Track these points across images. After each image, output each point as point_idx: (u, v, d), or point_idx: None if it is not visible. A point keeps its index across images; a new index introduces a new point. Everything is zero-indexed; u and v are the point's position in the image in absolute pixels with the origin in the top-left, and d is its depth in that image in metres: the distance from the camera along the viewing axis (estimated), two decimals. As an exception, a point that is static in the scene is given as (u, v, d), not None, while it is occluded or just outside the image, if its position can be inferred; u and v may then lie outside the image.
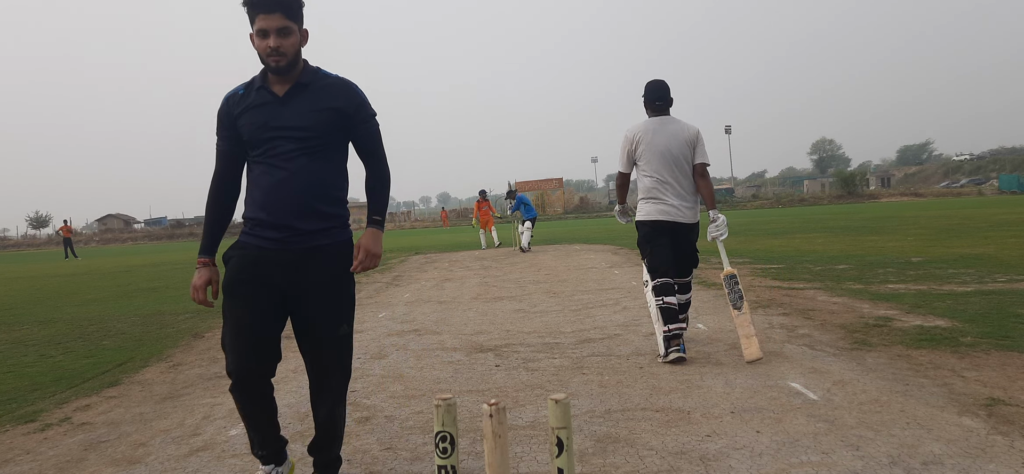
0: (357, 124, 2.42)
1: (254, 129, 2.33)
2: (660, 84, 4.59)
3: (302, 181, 2.32)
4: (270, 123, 2.32)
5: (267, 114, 2.33)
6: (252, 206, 2.37)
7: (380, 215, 2.44)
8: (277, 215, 2.31)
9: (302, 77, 2.37)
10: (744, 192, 72.13)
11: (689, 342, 4.72)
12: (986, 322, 4.79)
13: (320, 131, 2.34)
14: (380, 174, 2.48)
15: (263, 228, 2.33)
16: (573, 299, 7.28)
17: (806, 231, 16.91)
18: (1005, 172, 62.47)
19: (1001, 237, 11.65)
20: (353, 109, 2.40)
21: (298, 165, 2.32)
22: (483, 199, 18.00)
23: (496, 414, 1.75)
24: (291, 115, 2.33)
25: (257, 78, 2.40)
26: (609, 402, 3.46)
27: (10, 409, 3.98)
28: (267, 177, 2.32)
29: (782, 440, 2.79)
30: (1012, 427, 2.80)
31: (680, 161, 4.44)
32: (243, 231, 2.41)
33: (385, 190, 2.48)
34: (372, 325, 6.30)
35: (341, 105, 2.37)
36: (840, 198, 51.07)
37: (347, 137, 2.45)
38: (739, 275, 4.79)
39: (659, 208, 4.44)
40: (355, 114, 2.41)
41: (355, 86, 2.45)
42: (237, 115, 2.37)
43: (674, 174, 4.43)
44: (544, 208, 55.18)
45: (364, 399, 3.77)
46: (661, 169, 4.43)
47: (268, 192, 2.32)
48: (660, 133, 4.47)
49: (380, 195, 2.46)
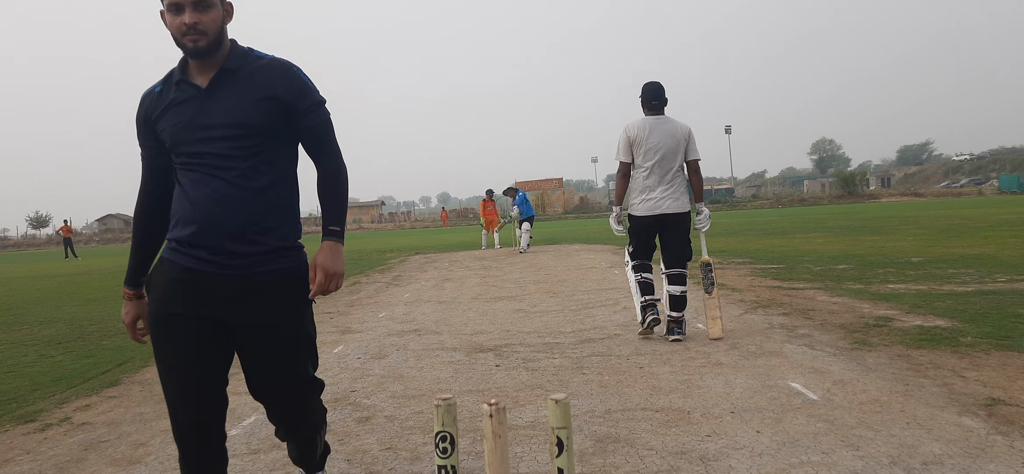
0: (302, 115, 1.96)
1: (177, 131, 1.89)
2: (656, 86, 5.01)
3: (241, 192, 1.87)
4: (195, 122, 1.87)
5: (191, 112, 1.88)
6: (179, 225, 1.91)
7: (338, 225, 2.01)
8: (211, 237, 1.87)
9: (229, 61, 1.92)
10: (744, 192, 72.11)
11: (689, 342, 4.74)
12: (986, 322, 4.79)
13: (258, 127, 1.89)
14: (334, 174, 2.03)
15: (194, 249, 1.89)
16: (573, 299, 7.28)
17: (806, 231, 16.91)
18: (1005, 172, 62.47)
19: (1001, 237, 11.65)
20: (294, 96, 1.94)
21: (235, 173, 1.87)
22: (489, 199, 18.12)
23: (496, 414, 1.75)
24: (220, 110, 1.88)
25: (176, 70, 1.96)
26: (609, 402, 3.46)
27: (10, 409, 3.98)
28: (197, 190, 1.87)
29: (782, 440, 2.79)
30: (1012, 427, 2.80)
31: (673, 157, 4.87)
32: (167, 247, 1.96)
33: (342, 193, 2.04)
34: (372, 325, 6.30)
35: (280, 92, 1.92)
36: (840, 198, 51.05)
37: (292, 133, 1.98)
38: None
39: (651, 203, 4.88)
40: (298, 102, 1.95)
41: (295, 67, 1.99)
42: (156, 118, 1.93)
43: (666, 169, 4.86)
44: (544, 208, 55.19)
45: (364, 399, 3.77)
46: (655, 165, 4.86)
47: (199, 208, 1.87)
48: (656, 131, 4.88)
49: (336, 200, 2.02)
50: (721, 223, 25.04)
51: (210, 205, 1.86)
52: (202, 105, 1.89)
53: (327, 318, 6.83)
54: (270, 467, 2.83)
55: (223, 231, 1.86)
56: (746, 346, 4.53)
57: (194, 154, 1.88)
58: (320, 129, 2.00)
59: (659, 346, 4.69)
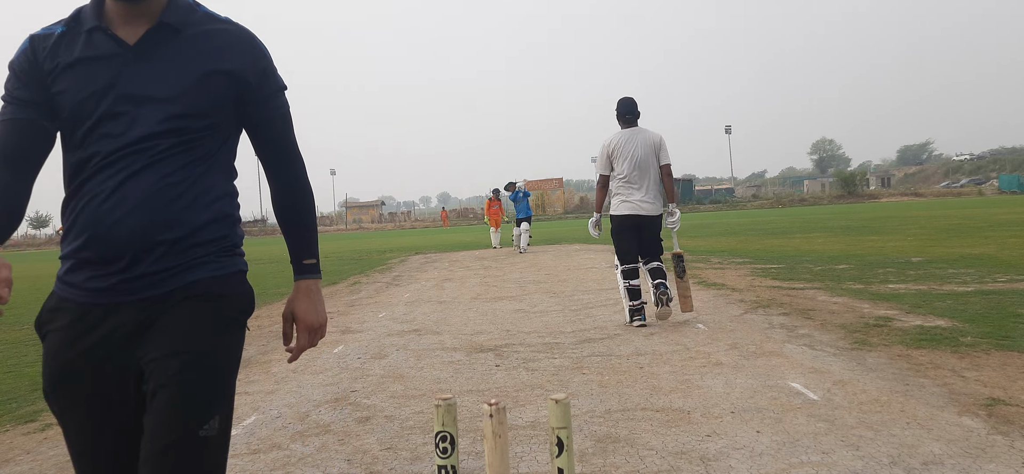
0: (261, 102, 1.47)
1: (84, 99, 1.33)
2: (630, 101, 5.72)
3: (172, 194, 1.34)
4: (115, 92, 1.33)
5: (108, 75, 1.34)
6: (80, 240, 1.33)
7: (313, 256, 1.54)
8: (116, 247, 1.31)
9: (168, 14, 1.38)
10: (744, 192, 72.14)
11: (689, 342, 4.76)
12: (986, 322, 4.79)
13: (204, 110, 1.38)
14: (298, 187, 1.54)
15: (92, 268, 1.33)
16: (573, 299, 7.28)
17: (806, 231, 16.91)
18: (1005, 172, 62.49)
19: (1001, 237, 11.65)
20: (256, 76, 1.45)
21: (167, 168, 1.34)
22: (495, 198, 18.29)
23: (496, 414, 1.75)
24: (153, 78, 1.35)
25: (87, 11, 1.39)
26: (609, 402, 3.46)
27: (10, 409, 3.99)
28: (108, 182, 1.32)
29: (782, 440, 2.79)
30: (1012, 427, 2.80)
31: (646, 165, 5.53)
32: (58, 277, 1.40)
33: (310, 211, 1.56)
34: (372, 325, 6.30)
35: (236, 67, 1.42)
36: (840, 198, 51.08)
37: (239, 122, 1.49)
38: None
39: (628, 205, 5.54)
40: (258, 84, 1.45)
41: (257, 39, 1.49)
42: (50, 70, 1.36)
43: (641, 176, 5.52)
44: (544, 208, 55.19)
45: (364, 399, 3.77)
46: (631, 173, 5.51)
47: (112, 215, 1.31)
48: (631, 142, 5.56)
49: (304, 219, 1.54)
50: (721, 223, 25.06)
51: (130, 211, 1.31)
52: (127, 69, 1.35)
53: (327, 318, 6.83)
54: (270, 467, 2.83)
55: (146, 246, 1.32)
56: (746, 346, 4.53)
57: (107, 137, 1.32)
58: (280, 123, 1.51)
59: (659, 346, 4.70)
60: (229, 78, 1.41)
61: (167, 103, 1.35)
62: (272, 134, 1.51)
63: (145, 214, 1.32)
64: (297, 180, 1.54)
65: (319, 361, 4.80)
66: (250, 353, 5.23)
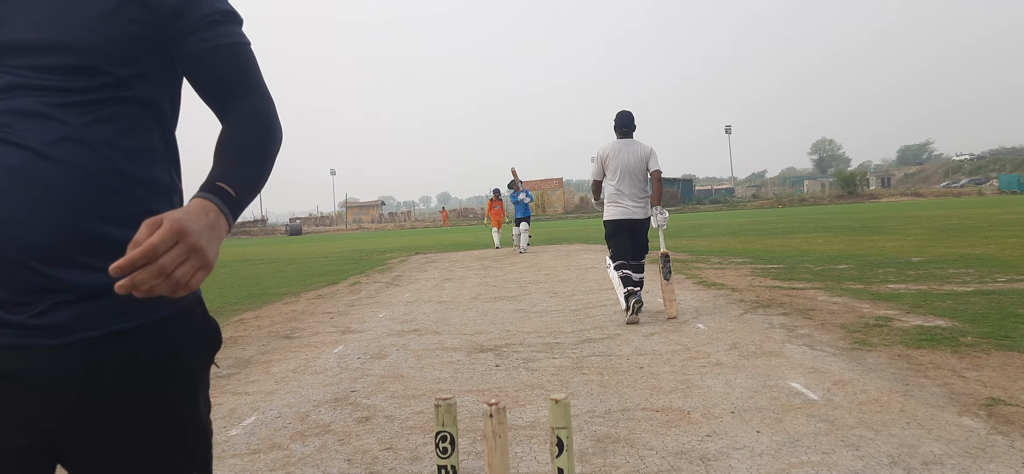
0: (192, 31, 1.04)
1: None
2: (626, 114, 6.19)
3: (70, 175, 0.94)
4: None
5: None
6: None
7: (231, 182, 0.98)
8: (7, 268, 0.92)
9: None
10: (744, 192, 72.16)
11: (689, 342, 4.76)
12: (986, 322, 4.79)
13: (109, 55, 0.98)
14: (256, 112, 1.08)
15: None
16: (573, 299, 7.28)
17: (806, 231, 16.91)
18: (1005, 172, 62.53)
19: (1001, 237, 11.65)
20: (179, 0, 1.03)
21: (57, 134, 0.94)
22: (497, 198, 18.33)
23: (496, 414, 1.75)
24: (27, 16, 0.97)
25: None
26: (609, 402, 3.46)
27: None
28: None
29: (782, 440, 2.79)
30: (1012, 427, 2.80)
31: (636, 173, 5.97)
32: None
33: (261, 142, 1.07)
34: (372, 325, 6.30)
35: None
36: (840, 198, 51.09)
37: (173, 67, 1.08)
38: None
39: (619, 210, 5.98)
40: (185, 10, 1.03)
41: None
42: None
43: (631, 183, 5.95)
44: (544, 208, 55.20)
45: (364, 399, 3.77)
46: (622, 180, 5.96)
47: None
48: (623, 152, 6.00)
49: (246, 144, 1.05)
50: (721, 223, 25.07)
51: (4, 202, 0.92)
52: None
53: (327, 318, 6.84)
54: (270, 467, 2.83)
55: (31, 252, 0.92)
56: (746, 346, 4.53)
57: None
58: (228, 57, 1.07)
59: (659, 346, 4.70)
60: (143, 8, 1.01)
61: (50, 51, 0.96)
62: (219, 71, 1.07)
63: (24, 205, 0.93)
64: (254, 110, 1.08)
65: (319, 361, 4.80)
66: (250, 353, 5.23)
